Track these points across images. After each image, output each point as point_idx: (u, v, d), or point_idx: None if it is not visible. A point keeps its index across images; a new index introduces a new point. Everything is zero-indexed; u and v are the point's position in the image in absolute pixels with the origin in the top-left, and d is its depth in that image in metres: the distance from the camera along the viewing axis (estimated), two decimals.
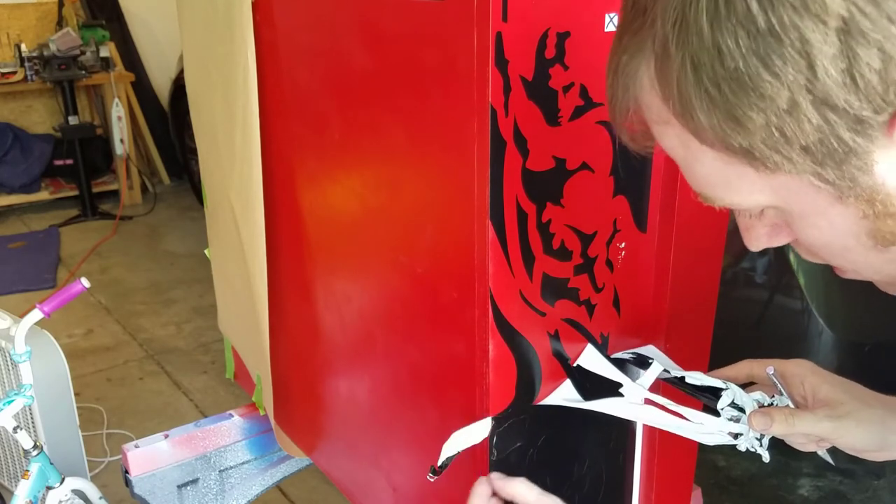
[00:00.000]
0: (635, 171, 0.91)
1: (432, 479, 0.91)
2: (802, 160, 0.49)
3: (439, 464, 0.91)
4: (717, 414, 0.86)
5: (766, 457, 0.86)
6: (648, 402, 0.91)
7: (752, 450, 0.86)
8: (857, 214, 0.52)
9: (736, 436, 0.86)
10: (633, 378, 0.94)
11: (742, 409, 0.86)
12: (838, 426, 0.80)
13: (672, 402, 0.88)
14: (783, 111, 0.47)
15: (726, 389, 0.86)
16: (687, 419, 0.87)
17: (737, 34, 0.46)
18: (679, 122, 0.52)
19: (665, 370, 0.93)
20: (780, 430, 0.81)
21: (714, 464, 2.49)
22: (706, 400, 0.88)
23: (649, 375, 0.92)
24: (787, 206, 0.54)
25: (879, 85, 0.45)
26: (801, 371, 0.85)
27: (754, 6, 0.45)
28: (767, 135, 0.48)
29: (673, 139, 0.55)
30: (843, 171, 0.49)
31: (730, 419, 0.86)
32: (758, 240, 0.60)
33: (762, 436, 0.86)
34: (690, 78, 0.48)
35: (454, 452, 0.90)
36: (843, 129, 0.47)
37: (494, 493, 0.85)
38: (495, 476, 0.83)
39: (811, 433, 0.82)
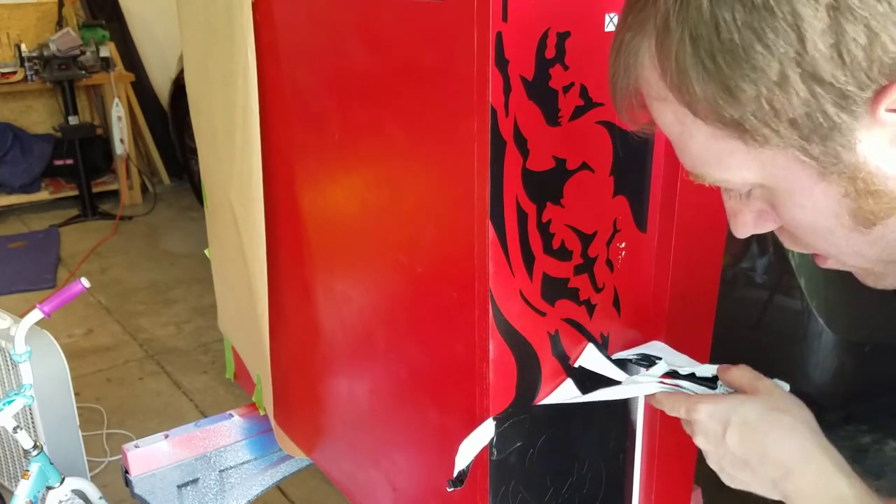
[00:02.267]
0: (635, 171, 0.91)
1: (452, 490, 0.93)
2: (790, 134, 0.51)
3: (455, 475, 0.92)
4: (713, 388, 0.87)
5: None
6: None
7: None
8: (840, 192, 0.54)
9: None
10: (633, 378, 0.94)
11: None
12: None
13: (668, 382, 0.89)
14: (773, 83, 0.49)
15: None
16: (683, 389, 0.87)
17: (734, 8, 0.48)
18: (675, 97, 0.54)
19: (670, 370, 0.93)
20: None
21: None
22: (707, 388, 0.88)
23: (655, 371, 0.93)
24: (773, 184, 0.56)
25: (864, 61, 0.47)
26: None
27: None
28: (758, 107, 0.50)
29: (669, 115, 0.57)
30: (827, 147, 0.51)
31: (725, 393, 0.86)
32: (745, 226, 0.62)
33: None
34: (689, 50, 0.51)
35: (468, 462, 0.91)
36: (829, 104, 0.49)
37: None
38: None
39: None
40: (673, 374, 0.93)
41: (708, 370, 0.89)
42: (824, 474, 0.69)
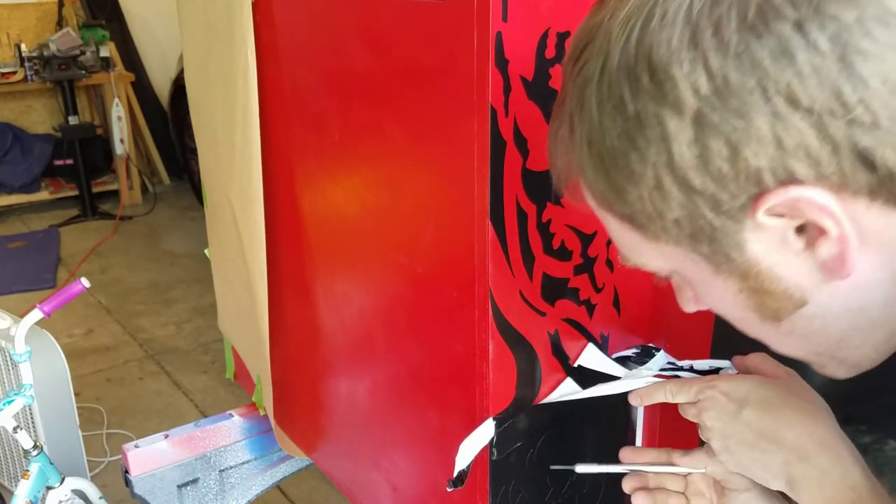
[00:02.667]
0: None
1: (452, 490, 0.93)
2: (677, 232, 0.53)
3: (455, 475, 0.92)
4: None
5: None
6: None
7: None
8: (735, 288, 0.55)
9: None
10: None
11: None
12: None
13: (667, 376, 0.89)
14: (652, 187, 0.51)
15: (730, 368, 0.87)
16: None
17: (614, 117, 0.50)
18: (586, 188, 0.57)
19: (670, 362, 0.93)
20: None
21: None
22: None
23: (654, 364, 0.93)
24: (682, 273, 0.58)
25: (730, 172, 0.48)
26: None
27: (626, 94, 0.49)
28: (642, 207, 0.53)
29: (589, 201, 0.59)
30: (714, 247, 0.53)
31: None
32: (688, 302, 0.64)
33: None
34: (585, 150, 0.54)
35: (468, 462, 0.91)
36: (706, 209, 0.50)
37: None
38: None
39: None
40: (670, 369, 0.93)
41: (705, 364, 0.89)
42: (841, 463, 0.69)
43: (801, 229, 0.50)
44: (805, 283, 0.53)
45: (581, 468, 0.87)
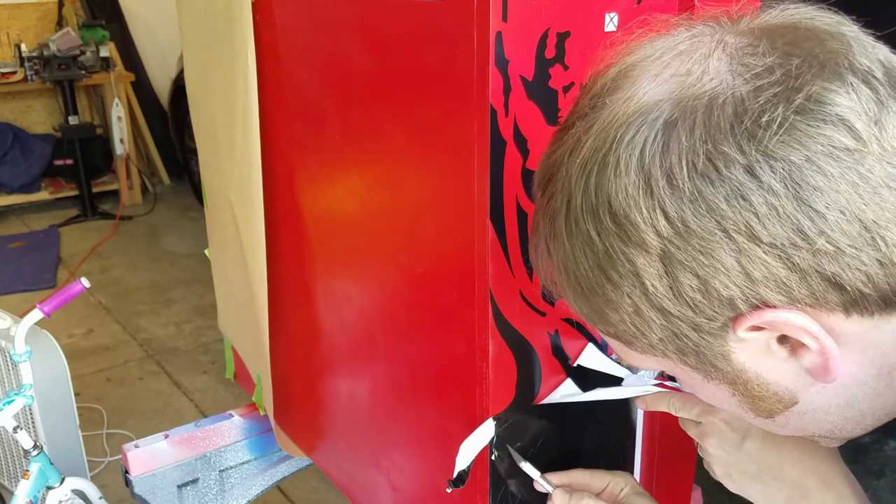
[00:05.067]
0: None
1: (450, 491, 0.92)
2: (663, 347, 0.54)
3: (455, 476, 0.92)
4: None
5: None
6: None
7: None
8: (728, 393, 0.57)
9: None
10: (635, 374, 0.94)
11: None
12: None
13: (668, 385, 0.89)
14: (631, 312, 0.53)
15: None
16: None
17: (584, 251, 0.52)
18: (570, 307, 0.59)
19: None
20: None
21: None
22: None
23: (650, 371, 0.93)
24: (676, 376, 0.60)
25: (703, 300, 0.50)
26: (622, 483, 0.88)
27: (593, 232, 0.51)
28: (625, 328, 0.54)
29: (577, 315, 0.61)
30: (701, 359, 0.54)
31: None
32: (689, 389, 0.65)
33: None
34: (563, 276, 0.56)
35: (468, 463, 0.91)
36: (687, 329, 0.52)
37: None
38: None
39: None
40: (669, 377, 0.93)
41: None
42: (842, 502, 0.69)
43: (783, 338, 0.51)
44: (793, 386, 0.54)
45: (525, 466, 0.90)
